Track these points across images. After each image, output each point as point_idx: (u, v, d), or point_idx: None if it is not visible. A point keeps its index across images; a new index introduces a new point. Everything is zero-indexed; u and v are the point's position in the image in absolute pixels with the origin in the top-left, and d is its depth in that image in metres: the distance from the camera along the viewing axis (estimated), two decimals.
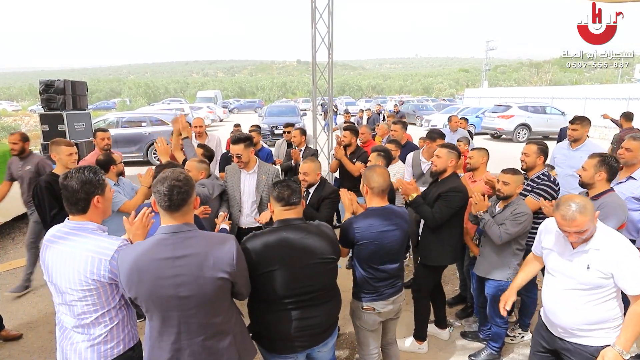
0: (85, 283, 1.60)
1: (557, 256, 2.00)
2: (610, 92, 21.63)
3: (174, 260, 1.53)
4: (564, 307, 1.95)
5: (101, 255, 1.60)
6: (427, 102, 29.76)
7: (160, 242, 1.57)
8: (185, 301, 1.54)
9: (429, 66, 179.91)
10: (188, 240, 1.57)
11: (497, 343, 2.99)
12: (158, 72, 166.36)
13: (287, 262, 1.84)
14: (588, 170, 2.60)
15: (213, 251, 1.58)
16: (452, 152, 2.96)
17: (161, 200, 1.57)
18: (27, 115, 22.67)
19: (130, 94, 56.03)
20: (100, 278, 1.60)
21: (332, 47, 7.18)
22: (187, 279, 1.53)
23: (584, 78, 54.90)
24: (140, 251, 1.56)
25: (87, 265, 1.59)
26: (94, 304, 1.64)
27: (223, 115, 27.14)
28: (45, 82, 7.20)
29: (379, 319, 2.34)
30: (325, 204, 2.97)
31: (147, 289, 1.52)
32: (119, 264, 1.56)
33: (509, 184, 2.74)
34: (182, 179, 1.60)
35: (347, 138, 4.51)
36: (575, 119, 3.81)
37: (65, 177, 1.66)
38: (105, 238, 1.66)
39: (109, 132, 4.35)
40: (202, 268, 1.54)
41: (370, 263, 2.22)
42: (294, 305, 1.88)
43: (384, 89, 75.76)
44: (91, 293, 1.62)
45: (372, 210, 2.25)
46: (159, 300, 1.54)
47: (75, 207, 1.66)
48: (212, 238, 1.64)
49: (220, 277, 1.57)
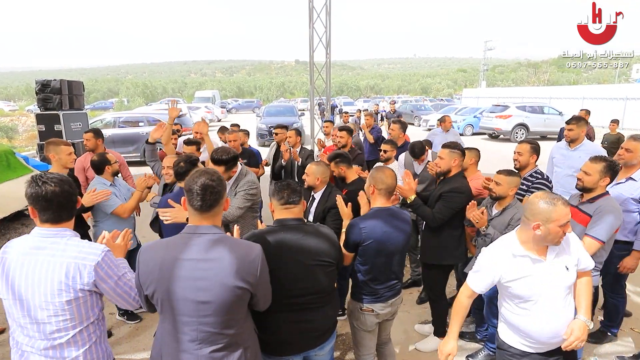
0: (66, 293, 1.47)
1: (531, 279, 1.80)
2: (608, 92, 21.71)
3: (197, 262, 1.49)
4: (558, 322, 1.83)
5: (85, 261, 1.49)
6: (425, 102, 29.80)
7: (187, 242, 1.52)
8: (202, 306, 1.48)
9: (427, 66, 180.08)
10: (215, 243, 1.53)
11: (494, 344, 2.98)
12: (156, 72, 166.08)
13: (283, 263, 1.82)
14: (593, 175, 2.51)
15: (238, 258, 1.52)
16: (455, 152, 2.94)
17: (193, 200, 1.53)
18: (25, 116, 22.54)
19: (128, 94, 55.87)
20: (84, 286, 1.49)
21: (329, 47, 7.17)
22: (208, 283, 1.47)
23: (582, 78, 55.03)
24: (165, 247, 1.52)
25: (68, 272, 1.47)
26: (72, 318, 1.50)
27: (221, 115, 27.13)
28: (42, 82, 7.16)
29: (377, 320, 2.33)
30: (330, 214, 2.85)
31: (166, 288, 1.48)
32: (141, 257, 1.52)
33: (501, 185, 2.69)
34: (215, 179, 1.56)
35: (343, 139, 4.47)
36: (571, 119, 3.80)
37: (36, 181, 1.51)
38: (87, 243, 1.56)
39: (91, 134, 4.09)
40: (225, 274, 1.48)
41: (372, 264, 2.21)
42: (291, 307, 1.86)
43: (382, 89, 75.79)
44: (70, 306, 1.49)
45: (377, 211, 2.24)
46: (176, 302, 1.48)
47: (68, 212, 1.56)
48: (239, 245, 1.58)
49: (240, 287, 1.51)
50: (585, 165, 2.59)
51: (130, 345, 3.26)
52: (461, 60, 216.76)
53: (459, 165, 2.98)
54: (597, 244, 2.44)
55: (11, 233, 6.04)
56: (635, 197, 2.84)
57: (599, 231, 2.42)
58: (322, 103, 13.03)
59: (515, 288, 1.83)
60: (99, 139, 4.11)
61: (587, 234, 2.46)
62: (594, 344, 3.19)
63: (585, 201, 2.58)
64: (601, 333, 3.25)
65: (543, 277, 1.80)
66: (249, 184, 2.98)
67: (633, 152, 2.91)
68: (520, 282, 1.82)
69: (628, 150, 2.93)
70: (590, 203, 2.53)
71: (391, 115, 12.17)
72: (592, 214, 2.48)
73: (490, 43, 45.52)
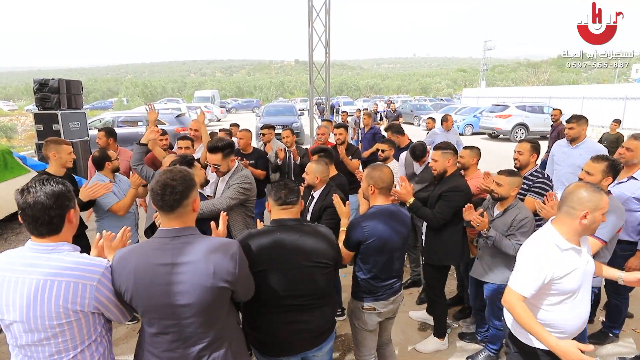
0: (64, 315, 1.34)
1: (577, 272, 1.78)
2: (607, 92, 21.68)
3: (172, 267, 1.45)
4: (587, 310, 1.87)
5: (85, 280, 1.37)
6: (425, 102, 29.78)
7: (160, 246, 1.49)
8: (182, 309, 1.46)
9: (427, 66, 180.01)
10: (188, 245, 1.49)
11: (495, 345, 2.96)
12: (156, 71, 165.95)
13: (280, 264, 1.80)
14: (595, 175, 2.50)
15: (214, 259, 1.49)
16: (447, 152, 2.96)
17: (154, 200, 1.50)
18: (24, 115, 22.50)
19: (127, 94, 55.80)
20: (84, 308, 1.37)
21: (329, 46, 7.15)
22: (185, 287, 1.44)
23: (581, 78, 55.05)
24: (138, 254, 1.48)
25: (67, 293, 1.34)
26: (72, 339, 1.38)
27: (221, 114, 27.14)
28: (40, 81, 7.13)
29: (378, 319, 2.31)
30: (327, 213, 2.85)
31: (143, 295, 1.45)
32: (114, 264, 1.47)
33: (502, 185, 2.67)
34: (177, 178, 1.49)
35: (342, 135, 4.67)
36: (571, 117, 3.80)
37: (26, 192, 1.36)
38: (87, 259, 1.44)
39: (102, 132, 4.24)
40: (201, 276, 1.46)
41: (373, 263, 2.19)
42: (287, 308, 1.84)
43: (382, 88, 75.76)
44: (70, 326, 1.37)
45: (378, 209, 2.22)
46: (155, 307, 1.46)
47: (47, 226, 1.38)
48: (213, 244, 1.53)
49: (220, 287, 1.49)
50: (587, 164, 2.57)
51: (128, 346, 3.24)
52: (461, 60, 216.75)
53: (454, 165, 3.00)
54: (599, 243, 2.42)
55: (8, 233, 6.01)
56: (637, 196, 2.82)
57: (601, 231, 2.40)
58: (322, 103, 13.01)
59: (565, 284, 1.77)
60: (110, 137, 4.23)
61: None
62: (596, 344, 3.16)
63: None
64: (602, 334, 3.23)
65: (584, 268, 1.81)
66: (243, 177, 2.93)
67: (634, 151, 2.89)
68: (569, 276, 1.77)
69: (629, 150, 2.91)
70: None
71: (391, 114, 12.15)
72: None
73: (489, 43, 45.50)
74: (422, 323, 3.53)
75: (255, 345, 1.93)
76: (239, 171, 3.02)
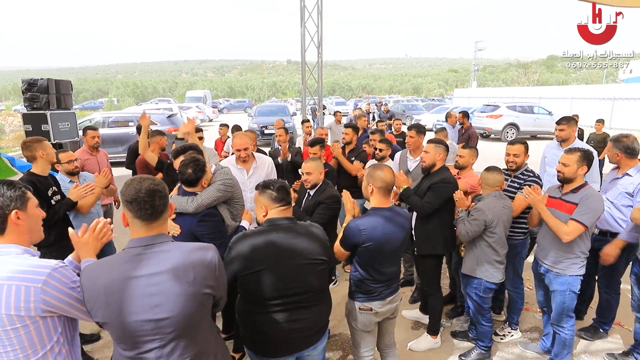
0: (8, 321, 1.25)
1: None
2: (596, 92, 22.02)
3: (149, 278, 1.34)
4: None
5: (29, 282, 1.27)
6: (417, 102, 29.94)
7: (132, 258, 1.37)
8: (162, 324, 1.34)
9: (418, 66, 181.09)
10: (164, 253, 1.39)
11: (484, 342, 2.99)
12: (147, 71, 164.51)
13: (274, 263, 1.80)
14: (570, 166, 2.63)
15: (193, 264, 1.40)
16: (439, 146, 3.04)
17: (141, 209, 1.37)
18: (11, 115, 22.08)
19: (118, 94, 55.24)
20: (30, 312, 1.27)
21: (321, 47, 7.16)
22: (164, 298, 1.33)
23: (570, 79, 55.87)
24: (107, 268, 1.35)
25: (9, 298, 1.25)
26: (22, 348, 1.28)
27: (212, 115, 26.97)
28: (28, 81, 7.01)
29: (376, 319, 2.31)
30: (320, 208, 2.86)
31: (117, 313, 1.31)
32: (83, 283, 1.34)
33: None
34: (158, 183, 1.43)
35: (348, 135, 4.58)
36: (561, 119, 3.86)
37: None
38: (32, 260, 1.36)
39: (98, 131, 4.30)
40: (181, 284, 1.36)
41: (371, 264, 2.19)
42: (282, 307, 1.84)
43: (374, 89, 76.06)
44: (17, 334, 1.27)
45: (377, 211, 2.21)
46: (132, 325, 1.32)
47: None
48: (190, 249, 1.45)
49: (204, 293, 1.41)
50: (562, 157, 2.70)
51: None
52: (452, 60, 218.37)
53: (443, 160, 3.07)
54: (581, 227, 2.53)
55: None
56: (629, 191, 2.97)
57: (584, 217, 2.53)
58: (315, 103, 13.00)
59: None
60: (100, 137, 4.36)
61: (573, 218, 2.55)
62: (586, 339, 3.24)
63: (568, 192, 2.67)
64: (594, 329, 3.30)
65: None
66: (224, 174, 2.75)
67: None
68: None
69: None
70: (574, 193, 2.63)
71: (384, 115, 12.19)
72: (578, 202, 2.58)
73: (480, 44, 45.99)
74: (415, 322, 3.55)
75: (250, 346, 1.92)
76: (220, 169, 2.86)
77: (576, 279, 2.66)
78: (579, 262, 2.65)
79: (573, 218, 2.55)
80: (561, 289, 2.69)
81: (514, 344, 3.21)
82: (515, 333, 3.29)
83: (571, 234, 2.53)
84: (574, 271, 2.65)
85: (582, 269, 2.67)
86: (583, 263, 2.68)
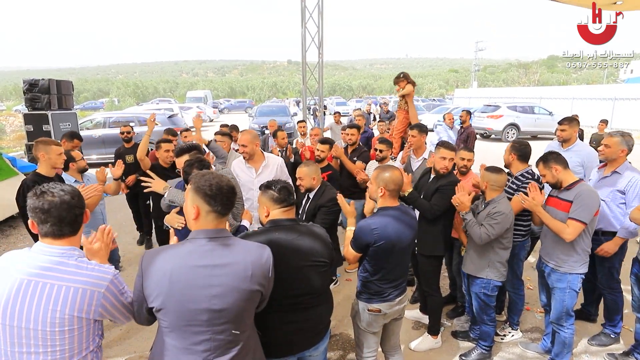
0: (68, 322, 1.31)
1: None
2: (597, 93, 22.00)
3: (212, 269, 1.40)
4: None
5: (95, 287, 1.35)
6: (418, 102, 29.93)
7: (196, 248, 1.43)
8: (217, 315, 1.40)
9: (419, 66, 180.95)
10: (227, 247, 1.46)
11: (486, 342, 3.00)
12: (147, 72, 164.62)
13: (277, 264, 1.79)
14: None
15: (252, 261, 1.48)
16: (453, 153, 3.10)
17: (223, 204, 1.46)
18: (12, 116, 22.12)
19: (118, 94, 55.25)
20: (89, 315, 1.35)
21: (322, 47, 7.17)
22: (223, 290, 1.40)
23: (571, 79, 55.84)
24: (173, 255, 1.42)
25: (75, 300, 1.31)
26: (70, 348, 1.34)
27: (213, 115, 26.99)
28: (29, 82, 7.05)
29: (383, 320, 2.31)
30: (321, 212, 2.86)
31: (177, 299, 1.37)
32: (144, 268, 1.40)
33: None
34: (229, 180, 1.54)
35: (354, 136, 4.59)
36: (563, 119, 3.86)
37: (44, 194, 1.36)
38: (97, 266, 1.41)
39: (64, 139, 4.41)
40: (240, 279, 1.43)
41: (382, 264, 2.19)
42: (284, 308, 1.84)
43: (374, 89, 75.95)
44: (71, 335, 1.33)
45: (386, 210, 2.21)
46: (189, 314, 1.38)
47: (70, 226, 1.39)
48: (250, 247, 1.53)
49: (256, 290, 1.48)
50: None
51: (122, 348, 3.21)
52: (452, 60, 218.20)
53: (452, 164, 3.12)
54: (581, 225, 2.55)
55: (6, 229, 5.93)
56: (619, 188, 3.00)
57: (581, 214, 2.55)
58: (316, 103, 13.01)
59: None
60: (73, 140, 4.39)
61: (571, 217, 2.57)
62: (598, 347, 3.18)
63: (562, 190, 2.70)
64: (605, 335, 3.25)
65: None
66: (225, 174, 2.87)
67: (612, 147, 3.06)
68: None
69: (607, 146, 3.09)
70: (567, 190, 2.66)
71: (384, 115, 12.19)
72: (572, 200, 2.60)
73: (481, 44, 46.00)
74: (415, 322, 3.55)
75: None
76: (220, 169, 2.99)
77: (577, 277, 2.67)
78: (581, 260, 2.67)
79: (571, 217, 2.57)
80: (561, 287, 2.70)
81: (515, 344, 3.21)
82: (516, 333, 3.29)
83: (572, 233, 2.54)
84: (575, 269, 2.66)
85: (584, 267, 2.68)
86: (585, 261, 2.69)
